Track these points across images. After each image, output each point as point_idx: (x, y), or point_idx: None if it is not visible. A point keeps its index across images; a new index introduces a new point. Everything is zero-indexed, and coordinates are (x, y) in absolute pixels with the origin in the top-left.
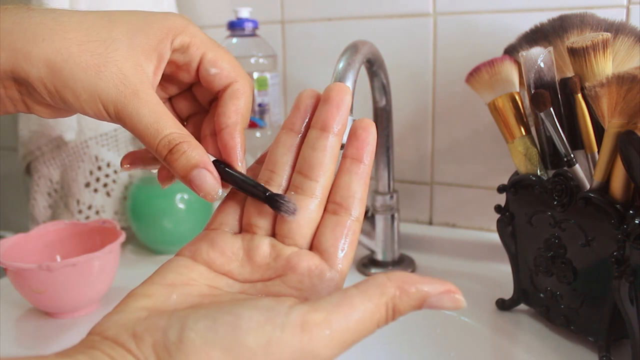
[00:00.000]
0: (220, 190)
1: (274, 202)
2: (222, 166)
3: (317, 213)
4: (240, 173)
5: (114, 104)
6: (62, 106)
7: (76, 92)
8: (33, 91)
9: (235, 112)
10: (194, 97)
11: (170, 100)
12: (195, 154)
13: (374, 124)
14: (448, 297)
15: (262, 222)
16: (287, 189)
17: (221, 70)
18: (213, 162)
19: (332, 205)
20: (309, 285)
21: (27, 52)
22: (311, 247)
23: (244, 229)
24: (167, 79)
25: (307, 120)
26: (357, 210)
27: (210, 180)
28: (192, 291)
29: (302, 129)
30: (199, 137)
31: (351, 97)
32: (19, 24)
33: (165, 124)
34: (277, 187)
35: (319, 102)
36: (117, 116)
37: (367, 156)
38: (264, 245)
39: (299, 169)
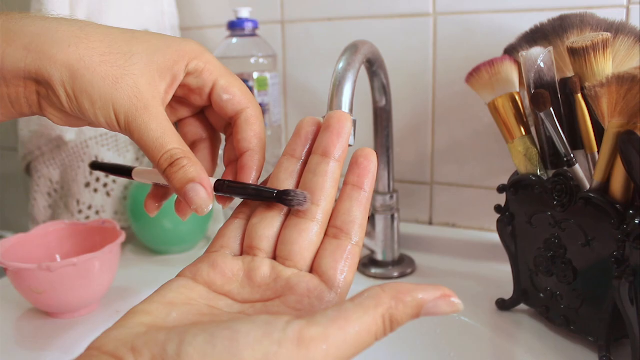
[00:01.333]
0: (211, 206)
1: (285, 198)
2: (227, 182)
3: (317, 236)
4: (244, 183)
5: (125, 114)
6: (76, 112)
7: (92, 99)
8: (52, 94)
9: (255, 137)
10: (206, 120)
11: (177, 124)
12: (193, 170)
13: (375, 153)
14: (444, 301)
15: (264, 245)
16: (289, 213)
17: (233, 97)
18: (219, 180)
19: (332, 229)
20: (308, 306)
21: (52, 55)
22: (311, 270)
23: (245, 251)
24: (179, 101)
25: (307, 147)
26: (357, 236)
27: (203, 194)
28: (192, 310)
29: (303, 156)
30: (204, 161)
31: (351, 124)
32: (47, 29)
33: (170, 140)
34: (278, 210)
35: (319, 130)
36: (126, 127)
37: (367, 184)
38: (264, 267)
39: None
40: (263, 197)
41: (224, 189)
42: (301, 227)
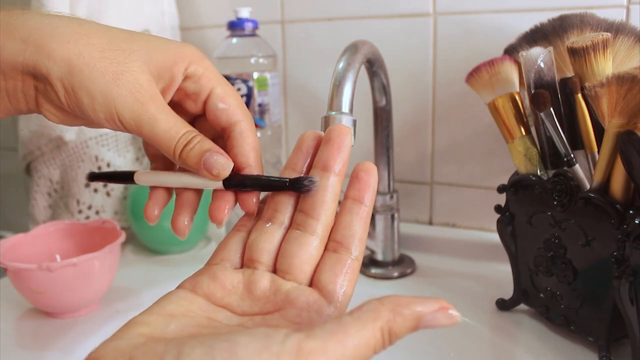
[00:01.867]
0: (231, 167)
1: (298, 185)
2: (238, 175)
3: (317, 250)
4: (256, 175)
5: (130, 110)
6: (74, 108)
7: (91, 94)
8: (50, 89)
9: (252, 151)
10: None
11: None
12: (207, 143)
13: (376, 168)
14: (442, 314)
15: (264, 258)
16: (289, 227)
17: (228, 107)
18: (230, 174)
19: (332, 243)
20: (307, 320)
21: (51, 50)
22: (311, 284)
23: (245, 264)
24: (173, 106)
25: (308, 160)
26: (357, 250)
27: (221, 159)
28: (191, 322)
29: (304, 169)
30: None
31: (352, 138)
32: (47, 24)
33: (182, 126)
34: (279, 224)
35: (320, 143)
36: (135, 122)
37: (368, 198)
38: (264, 280)
39: (301, 208)
40: (276, 187)
41: (236, 181)
42: (301, 241)
